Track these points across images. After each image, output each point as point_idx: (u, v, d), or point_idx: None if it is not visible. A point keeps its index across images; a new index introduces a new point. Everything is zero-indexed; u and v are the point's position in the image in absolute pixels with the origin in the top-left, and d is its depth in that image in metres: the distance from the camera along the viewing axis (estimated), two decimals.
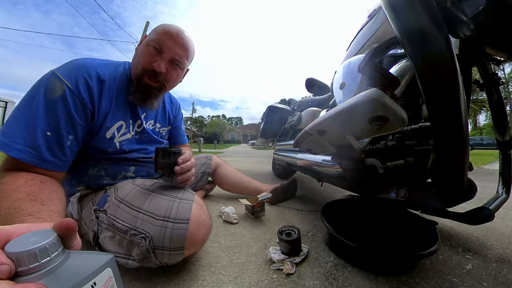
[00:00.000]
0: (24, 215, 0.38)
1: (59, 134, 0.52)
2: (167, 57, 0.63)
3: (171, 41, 0.62)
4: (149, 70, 0.62)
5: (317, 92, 1.66)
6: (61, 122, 0.52)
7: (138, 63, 0.63)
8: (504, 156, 0.70)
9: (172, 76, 0.67)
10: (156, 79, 0.64)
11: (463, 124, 0.39)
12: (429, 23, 0.34)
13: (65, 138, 0.53)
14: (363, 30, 0.86)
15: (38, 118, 0.49)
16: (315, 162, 0.92)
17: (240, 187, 1.23)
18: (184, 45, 0.65)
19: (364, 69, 0.48)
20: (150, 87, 0.64)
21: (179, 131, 0.94)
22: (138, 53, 0.65)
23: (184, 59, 0.67)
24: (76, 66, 0.56)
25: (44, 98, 0.50)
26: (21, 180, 0.45)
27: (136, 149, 0.72)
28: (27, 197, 0.42)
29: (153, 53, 0.62)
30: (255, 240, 0.75)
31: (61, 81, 0.52)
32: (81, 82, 0.55)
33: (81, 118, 0.55)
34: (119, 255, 0.51)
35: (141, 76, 0.63)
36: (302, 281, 0.53)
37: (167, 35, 0.62)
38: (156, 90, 0.66)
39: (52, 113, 0.50)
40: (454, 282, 0.52)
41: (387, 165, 0.61)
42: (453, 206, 0.53)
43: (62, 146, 0.52)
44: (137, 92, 0.64)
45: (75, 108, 0.53)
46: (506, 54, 0.57)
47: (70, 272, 0.21)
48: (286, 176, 1.92)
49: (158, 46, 0.61)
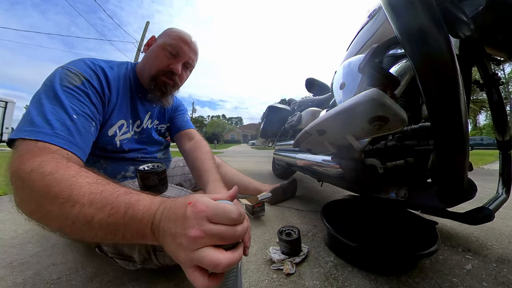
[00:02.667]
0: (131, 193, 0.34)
1: (85, 118, 0.49)
2: (183, 60, 0.69)
3: (187, 47, 0.69)
4: (166, 71, 0.68)
5: (317, 92, 1.66)
6: (85, 108, 0.50)
7: (154, 64, 0.68)
8: (504, 156, 0.70)
9: (183, 77, 0.75)
10: (171, 78, 0.70)
11: (463, 124, 0.39)
12: (429, 23, 0.34)
13: (90, 123, 0.51)
14: (363, 30, 0.86)
15: (62, 103, 0.46)
16: (315, 162, 0.92)
17: (240, 187, 1.22)
18: (196, 51, 0.73)
19: (364, 69, 0.48)
20: (167, 83, 0.70)
21: (182, 118, 0.91)
22: (152, 55, 0.68)
23: (194, 62, 0.74)
24: (85, 63, 0.57)
25: (63, 88, 0.48)
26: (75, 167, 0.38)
27: (135, 148, 0.72)
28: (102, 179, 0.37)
29: (169, 57, 0.67)
30: (255, 240, 0.75)
31: (77, 73, 0.52)
32: (94, 76, 0.56)
33: (100, 108, 0.56)
34: (119, 257, 0.51)
35: (157, 76, 0.68)
36: (302, 281, 0.53)
37: (183, 42, 0.68)
38: (171, 87, 0.72)
39: (74, 99, 0.48)
40: (454, 282, 0.52)
41: (387, 165, 0.61)
42: (453, 206, 0.53)
43: (88, 131, 0.50)
44: (156, 90, 0.69)
45: (94, 97, 0.54)
46: (506, 54, 0.57)
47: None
48: (286, 176, 1.92)
49: (175, 51, 0.67)
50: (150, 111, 0.76)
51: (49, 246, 0.70)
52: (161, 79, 0.68)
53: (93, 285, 0.51)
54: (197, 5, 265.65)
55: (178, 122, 0.89)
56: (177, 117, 0.90)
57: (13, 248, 0.68)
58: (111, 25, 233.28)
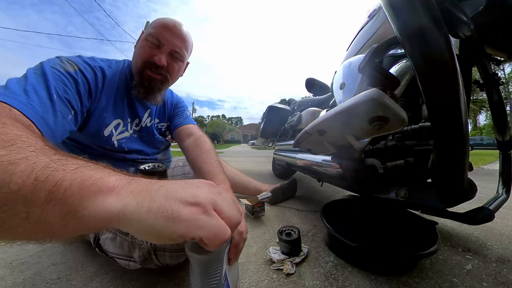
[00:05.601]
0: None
1: (64, 104, 0.45)
2: (167, 50, 0.62)
3: (169, 33, 0.61)
4: (150, 62, 0.62)
5: (317, 92, 1.66)
6: (68, 94, 0.47)
7: (138, 58, 0.63)
8: (504, 156, 0.70)
9: (174, 68, 0.67)
10: (158, 72, 0.64)
11: (463, 124, 0.39)
12: (429, 23, 0.34)
13: (69, 111, 0.47)
14: (363, 30, 0.86)
15: (47, 81, 0.43)
16: (315, 162, 0.92)
17: (240, 187, 1.23)
18: (183, 37, 0.64)
19: (364, 69, 0.48)
20: (152, 79, 0.63)
21: (182, 114, 0.87)
22: (137, 49, 0.64)
23: (183, 50, 0.66)
24: (83, 58, 0.56)
25: (52, 70, 0.46)
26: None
27: (135, 149, 0.72)
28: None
29: (152, 47, 0.61)
30: (255, 240, 0.75)
31: (71, 63, 0.51)
32: (89, 69, 0.55)
33: (85, 100, 0.52)
34: (120, 256, 0.51)
35: (142, 70, 0.62)
36: (302, 281, 0.53)
37: (164, 28, 0.61)
38: (159, 82, 0.65)
39: (60, 82, 0.45)
40: (454, 282, 0.52)
41: (387, 165, 0.61)
42: (453, 206, 0.52)
43: (64, 118, 0.45)
44: (140, 86, 0.63)
45: (83, 87, 0.51)
46: (506, 54, 0.57)
47: None
48: (286, 176, 1.92)
49: (156, 39, 0.60)
50: (149, 109, 0.74)
51: (49, 246, 0.70)
52: (146, 73, 0.63)
53: (93, 285, 0.51)
54: (193, 3, 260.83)
55: (177, 118, 0.85)
56: (176, 114, 0.87)
57: (13, 248, 0.68)
58: (108, 24, 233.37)
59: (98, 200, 0.21)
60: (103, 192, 0.21)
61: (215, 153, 0.70)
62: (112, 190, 0.22)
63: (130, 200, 0.22)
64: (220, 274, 0.32)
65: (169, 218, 0.21)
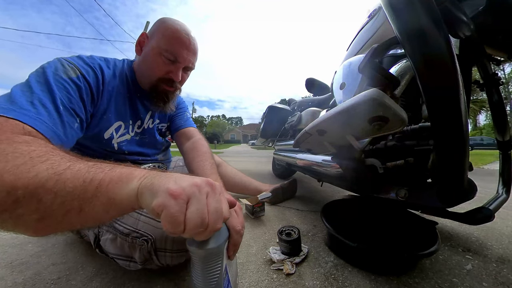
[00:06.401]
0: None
1: (69, 113, 0.46)
2: (182, 66, 0.65)
3: (186, 51, 0.63)
4: (166, 79, 0.65)
5: (317, 92, 1.66)
6: (73, 103, 0.47)
7: (152, 72, 0.64)
8: (504, 156, 0.70)
9: (184, 79, 0.71)
10: (173, 86, 0.68)
11: (463, 124, 0.39)
12: (429, 23, 0.34)
13: (75, 119, 0.48)
14: (363, 30, 0.86)
15: (51, 92, 0.43)
16: (315, 162, 0.92)
17: (240, 187, 1.23)
18: (195, 51, 0.66)
19: (364, 69, 0.48)
20: (168, 92, 0.68)
21: (182, 116, 0.89)
22: (149, 60, 0.63)
23: (194, 64, 0.70)
24: (82, 58, 0.56)
25: (55, 77, 0.46)
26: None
27: (135, 152, 0.72)
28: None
29: (167, 63, 0.62)
30: (255, 240, 0.75)
31: (73, 67, 0.51)
32: (91, 72, 0.54)
33: (88, 105, 0.53)
34: (120, 257, 0.51)
35: (157, 85, 0.66)
36: (302, 281, 0.53)
37: (180, 44, 0.61)
38: (172, 93, 0.70)
39: (64, 91, 0.46)
40: (454, 282, 0.52)
41: (387, 165, 0.61)
42: (453, 206, 0.53)
43: (71, 127, 0.47)
44: (158, 100, 0.67)
45: (85, 93, 0.51)
46: (506, 54, 0.57)
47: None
48: (286, 176, 1.92)
49: (173, 56, 0.61)
50: (151, 110, 0.74)
51: (49, 246, 0.70)
52: (162, 87, 0.66)
53: (93, 285, 0.51)
54: (192, 3, 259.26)
55: (177, 120, 0.87)
56: (177, 115, 0.87)
57: (13, 248, 0.68)
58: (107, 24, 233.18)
59: (127, 186, 0.30)
60: (130, 180, 0.30)
61: (211, 155, 0.74)
62: (135, 178, 0.31)
63: (143, 182, 0.30)
64: (220, 268, 0.33)
65: (152, 193, 0.28)
